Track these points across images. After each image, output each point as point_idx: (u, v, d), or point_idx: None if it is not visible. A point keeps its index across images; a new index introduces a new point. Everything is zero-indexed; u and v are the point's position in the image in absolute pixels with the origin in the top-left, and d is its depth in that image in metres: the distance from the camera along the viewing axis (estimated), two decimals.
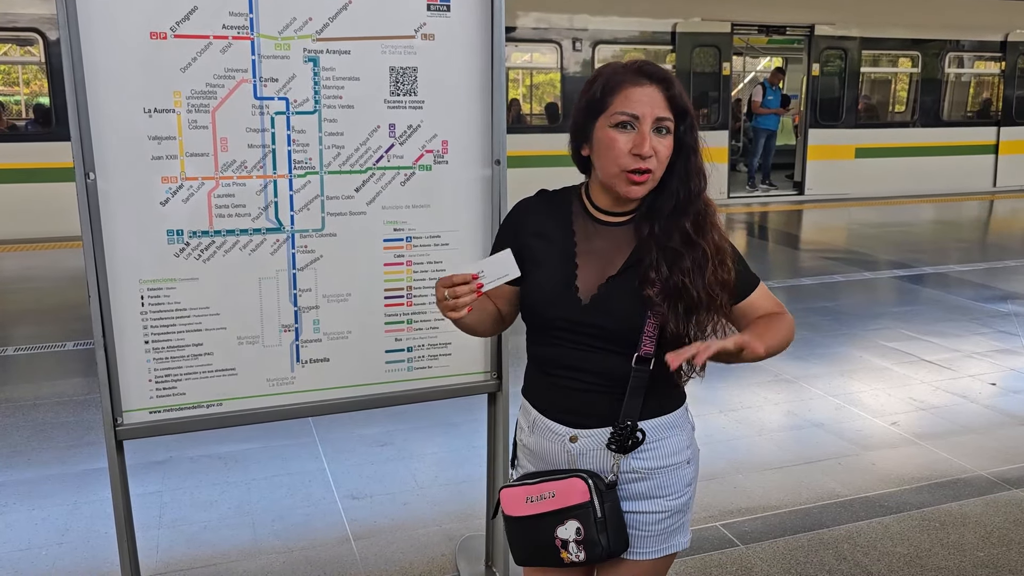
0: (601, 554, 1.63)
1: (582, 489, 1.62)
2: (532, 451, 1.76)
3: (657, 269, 1.58)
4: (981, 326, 5.97)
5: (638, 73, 1.58)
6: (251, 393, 2.40)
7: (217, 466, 3.68)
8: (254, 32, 2.19)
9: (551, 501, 1.64)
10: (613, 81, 1.59)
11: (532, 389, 1.76)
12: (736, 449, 3.93)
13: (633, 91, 1.56)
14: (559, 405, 1.70)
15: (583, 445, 1.68)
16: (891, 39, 13.32)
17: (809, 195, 12.74)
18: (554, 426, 1.70)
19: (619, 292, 1.61)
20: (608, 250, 1.65)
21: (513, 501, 1.69)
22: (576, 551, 1.63)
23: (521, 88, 13.66)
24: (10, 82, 12.03)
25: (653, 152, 1.56)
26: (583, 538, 1.62)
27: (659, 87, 1.57)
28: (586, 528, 1.61)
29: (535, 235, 1.71)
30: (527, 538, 1.69)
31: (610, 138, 1.57)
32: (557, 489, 1.64)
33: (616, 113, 1.57)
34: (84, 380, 4.73)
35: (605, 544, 1.62)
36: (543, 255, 1.69)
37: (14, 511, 3.31)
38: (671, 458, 1.70)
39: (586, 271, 1.65)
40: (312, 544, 3.09)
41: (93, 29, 2.06)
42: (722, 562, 2.98)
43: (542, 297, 1.67)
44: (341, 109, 2.31)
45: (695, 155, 1.62)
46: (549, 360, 1.68)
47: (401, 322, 2.51)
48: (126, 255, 2.19)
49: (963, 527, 3.22)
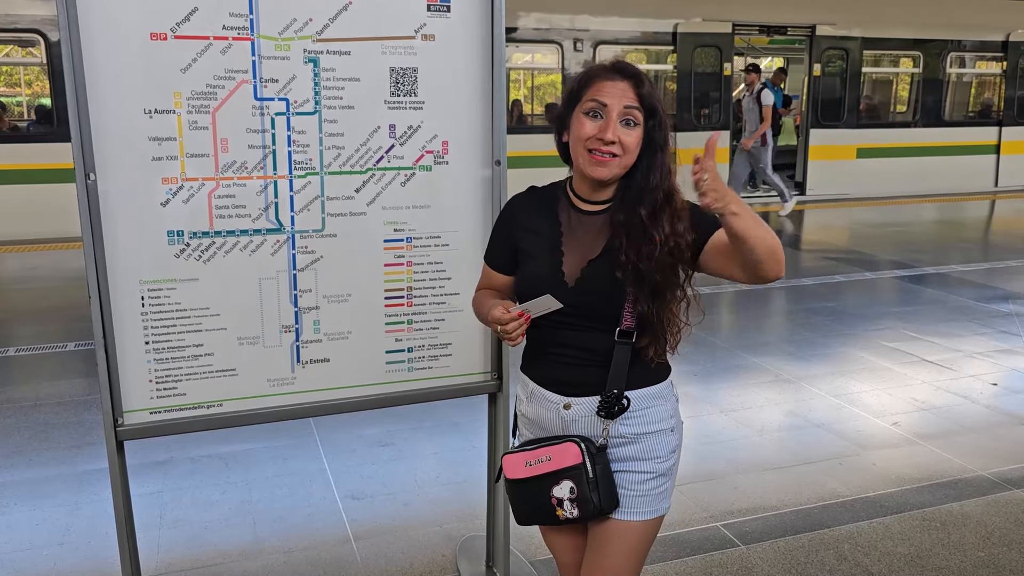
0: (593, 511, 1.78)
1: (575, 452, 1.78)
2: (530, 419, 1.93)
3: (625, 253, 1.73)
4: (982, 326, 5.97)
5: (611, 69, 1.75)
6: (251, 393, 2.40)
7: (218, 466, 3.68)
8: (254, 33, 2.19)
9: (547, 464, 1.80)
10: (589, 76, 1.77)
11: (530, 364, 1.93)
12: (737, 449, 3.93)
13: (605, 84, 1.73)
14: (554, 377, 1.86)
15: (576, 412, 1.84)
16: (892, 39, 13.31)
17: (810, 195, 12.73)
18: (550, 395, 1.87)
19: (599, 274, 1.77)
20: (589, 237, 1.81)
21: (513, 465, 1.85)
22: (570, 508, 1.78)
23: (523, 89, 13.67)
24: (12, 83, 12.04)
25: (618, 140, 1.71)
26: (576, 496, 1.77)
27: (630, 83, 1.73)
28: (579, 487, 1.77)
29: (525, 229, 1.89)
30: (526, 498, 1.86)
31: (580, 122, 1.74)
32: (553, 453, 1.80)
33: (588, 101, 1.74)
34: (85, 381, 4.74)
35: (596, 502, 1.77)
36: (533, 246, 1.86)
37: (15, 511, 3.31)
38: (656, 424, 1.85)
39: (570, 257, 1.81)
40: (313, 544, 3.10)
41: (93, 30, 2.06)
42: (723, 562, 2.98)
43: (534, 284, 1.81)
44: (341, 110, 2.31)
45: (661, 152, 1.75)
46: (543, 339, 1.85)
47: (401, 322, 2.51)
48: (126, 256, 2.20)
49: (964, 527, 3.22)
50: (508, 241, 1.92)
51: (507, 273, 1.94)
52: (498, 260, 1.95)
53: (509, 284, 1.94)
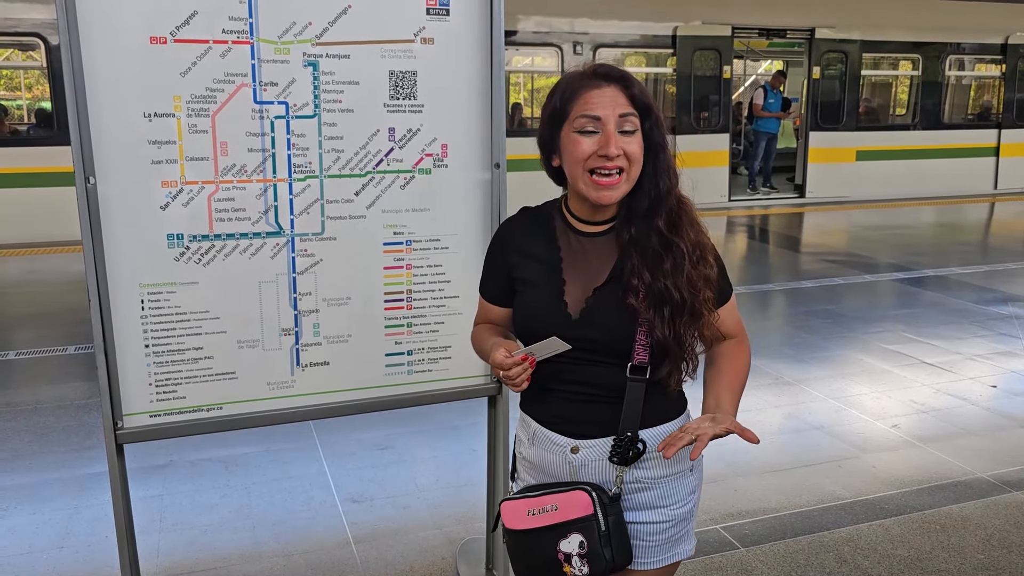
0: (605, 568, 1.59)
1: (585, 502, 1.59)
2: (533, 463, 1.74)
3: (639, 275, 1.57)
4: (981, 329, 5.97)
5: (595, 76, 1.57)
6: (251, 397, 2.40)
7: (218, 470, 3.68)
8: (254, 36, 2.20)
9: (553, 514, 1.61)
10: (571, 88, 1.58)
11: (531, 402, 1.74)
12: (736, 452, 3.92)
13: (592, 94, 1.55)
14: (559, 416, 1.68)
15: (584, 456, 1.65)
16: (892, 42, 13.33)
17: (810, 198, 12.73)
18: (555, 437, 1.68)
19: (606, 304, 1.60)
20: (593, 262, 1.64)
21: (514, 514, 1.65)
22: (579, 565, 1.59)
23: (523, 92, 13.67)
24: (13, 87, 12.06)
25: (622, 151, 1.54)
26: (587, 552, 1.58)
27: (618, 86, 1.56)
28: (590, 542, 1.58)
29: (521, 254, 1.71)
30: (529, 552, 1.66)
31: (575, 143, 1.56)
32: (559, 502, 1.61)
33: (578, 118, 1.56)
34: (85, 384, 4.74)
35: (609, 558, 1.59)
36: (531, 274, 1.68)
37: (15, 515, 3.31)
38: (674, 466, 1.68)
39: (573, 285, 1.64)
40: (313, 548, 3.09)
41: (93, 34, 2.07)
42: (722, 565, 2.98)
43: (533, 316, 1.66)
44: (341, 113, 2.32)
45: (663, 152, 1.60)
46: (546, 374, 1.63)
47: (401, 325, 2.51)
48: (126, 259, 2.20)
49: (963, 530, 3.22)
50: (503, 270, 1.73)
51: (503, 305, 1.76)
52: (493, 291, 1.78)
53: (507, 317, 1.76)
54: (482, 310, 1.84)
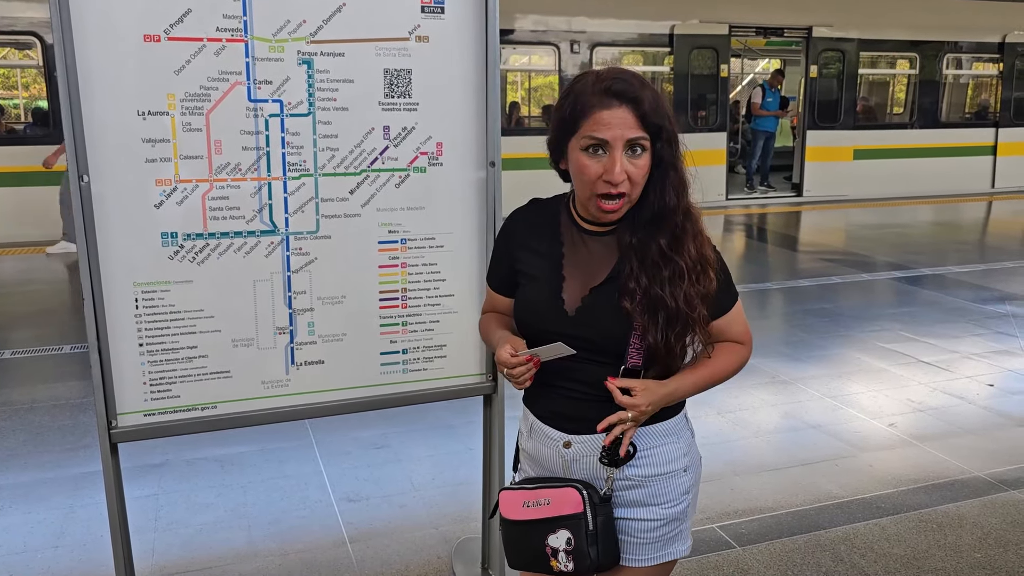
0: (589, 567, 1.62)
1: (576, 500, 1.62)
2: (531, 455, 1.78)
3: (636, 279, 1.58)
4: (979, 327, 5.97)
5: (606, 94, 1.53)
6: (246, 396, 2.40)
7: (213, 469, 3.68)
8: (248, 34, 2.19)
9: (545, 508, 1.65)
10: (582, 103, 1.55)
11: (530, 395, 1.77)
12: (733, 451, 3.93)
13: (602, 115, 1.53)
14: (554, 411, 1.71)
15: (576, 451, 1.68)
16: (889, 40, 13.34)
17: (807, 197, 12.75)
18: (549, 431, 1.71)
19: (602, 304, 1.62)
20: (593, 260, 1.66)
21: (511, 504, 1.70)
22: (565, 561, 1.63)
23: (520, 91, 13.67)
24: (9, 86, 12.04)
25: (626, 176, 1.53)
26: (573, 549, 1.61)
27: (629, 107, 1.53)
28: (576, 539, 1.61)
29: (526, 248, 1.73)
30: (521, 542, 1.70)
31: (581, 163, 1.56)
32: (552, 497, 1.65)
33: (585, 136, 1.54)
34: (80, 383, 4.73)
35: (594, 557, 1.62)
36: (533, 268, 1.71)
37: (10, 514, 3.30)
38: (666, 466, 1.69)
39: (572, 282, 1.65)
40: (308, 547, 3.09)
41: (87, 32, 2.06)
42: (718, 564, 2.97)
43: (530, 310, 1.69)
44: (335, 111, 2.31)
45: (674, 171, 1.59)
46: (544, 370, 1.66)
47: (396, 324, 2.51)
48: (120, 258, 2.19)
49: (960, 528, 3.22)
50: (507, 260, 1.77)
51: (507, 295, 1.79)
52: (498, 281, 1.82)
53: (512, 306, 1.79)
54: (489, 298, 1.88)
